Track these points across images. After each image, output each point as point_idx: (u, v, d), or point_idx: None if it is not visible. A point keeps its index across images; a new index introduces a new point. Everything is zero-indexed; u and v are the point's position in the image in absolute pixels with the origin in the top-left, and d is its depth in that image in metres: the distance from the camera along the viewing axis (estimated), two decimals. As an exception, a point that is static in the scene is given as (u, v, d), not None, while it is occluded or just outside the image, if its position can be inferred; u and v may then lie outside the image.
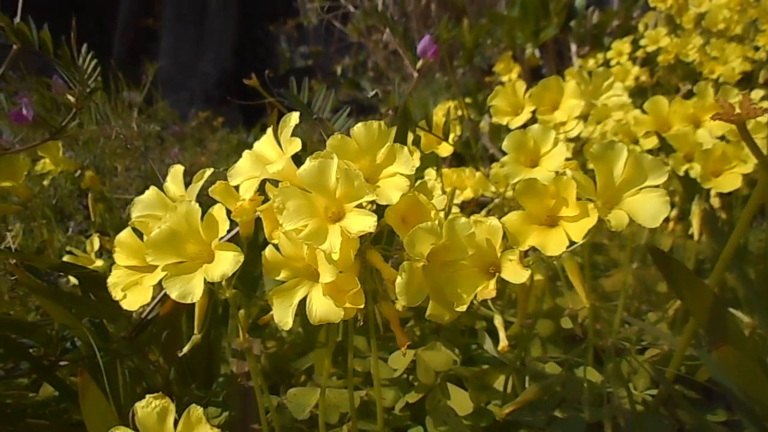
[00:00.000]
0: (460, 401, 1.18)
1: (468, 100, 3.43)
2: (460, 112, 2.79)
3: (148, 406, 0.69)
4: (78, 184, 2.88)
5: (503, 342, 1.06)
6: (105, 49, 7.16)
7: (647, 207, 0.80)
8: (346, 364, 1.08)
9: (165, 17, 7.38)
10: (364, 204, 0.76)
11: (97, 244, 1.54)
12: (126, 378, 1.19)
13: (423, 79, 4.92)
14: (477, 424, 1.18)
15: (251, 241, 0.93)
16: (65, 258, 1.60)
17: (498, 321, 1.10)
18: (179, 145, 4.45)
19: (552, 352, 1.38)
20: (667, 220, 1.85)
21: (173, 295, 0.75)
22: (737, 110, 0.73)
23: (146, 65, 4.83)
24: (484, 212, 1.63)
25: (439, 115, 2.19)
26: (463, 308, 0.76)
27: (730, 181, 1.24)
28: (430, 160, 1.76)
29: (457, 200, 1.81)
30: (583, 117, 1.33)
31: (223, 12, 7.36)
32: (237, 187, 0.88)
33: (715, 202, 1.54)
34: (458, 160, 2.84)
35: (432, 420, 1.17)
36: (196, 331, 0.94)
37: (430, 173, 1.79)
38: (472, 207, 1.95)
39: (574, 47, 3.42)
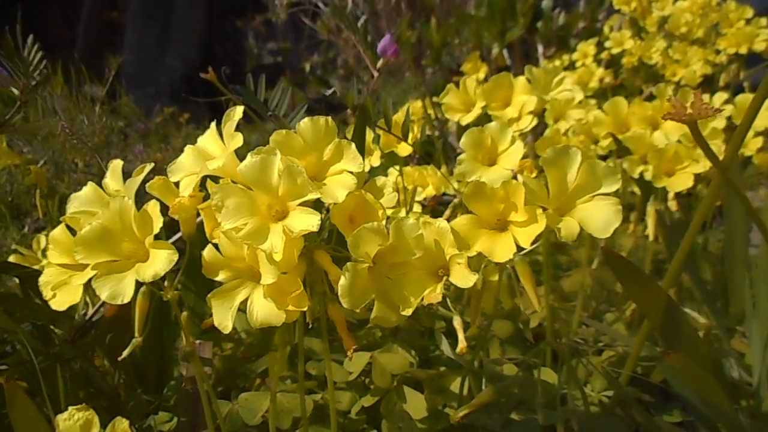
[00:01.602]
0: (416, 404, 1.15)
1: (436, 99, 3.42)
2: (428, 111, 2.77)
3: (70, 419, 0.65)
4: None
5: (462, 343, 1.04)
6: (69, 42, 6.96)
7: (599, 216, 0.78)
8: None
9: (130, 10, 7.21)
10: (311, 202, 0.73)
11: (43, 243, 1.48)
12: (67, 383, 1.14)
13: (392, 78, 4.91)
14: (433, 427, 1.16)
15: (204, 240, 0.89)
16: (12, 257, 1.53)
17: (457, 322, 1.08)
18: (143, 141, 4.36)
19: (511, 353, 1.37)
20: (627, 221, 1.87)
21: (103, 296, 0.71)
22: (689, 110, 0.72)
23: (110, 59, 4.71)
24: (448, 211, 1.61)
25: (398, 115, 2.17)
26: (409, 312, 0.73)
27: (683, 180, 1.24)
28: (394, 158, 1.75)
29: (419, 198, 1.79)
30: (538, 113, 1.32)
31: (189, 6, 7.21)
32: (178, 185, 0.84)
33: (673, 204, 1.55)
34: (426, 158, 2.82)
35: (387, 424, 1.15)
36: (136, 334, 0.90)
37: (393, 172, 1.77)
38: (433, 204, 1.93)
39: (540, 48, 3.43)
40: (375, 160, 1.61)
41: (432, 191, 1.86)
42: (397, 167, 1.80)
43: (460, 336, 1.04)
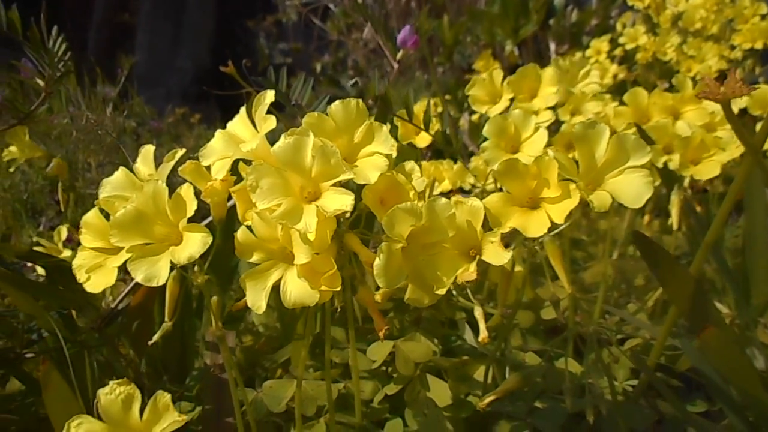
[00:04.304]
0: (440, 392, 1.15)
1: (448, 97, 3.42)
2: (440, 109, 2.77)
3: (111, 393, 0.66)
4: (50, 179, 2.80)
5: (483, 333, 1.04)
6: (81, 45, 7.02)
7: (630, 187, 0.78)
8: (324, 356, 1.06)
9: (141, 12, 7.27)
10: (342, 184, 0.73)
11: (64, 234, 1.49)
12: (94, 371, 1.14)
13: (403, 77, 4.91)
14: (457, 415, 1.16)
15: (227, 231, 0.90)
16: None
17: (478, 312, 1.08)
18: (155, 140, 4.38)
19: (532, 343, 1.37)
20: (643, 214, 1.86)
21: (138, 278, 0.72)
22: (722, 89, 0.71)
23: (122, 60, 4.73)
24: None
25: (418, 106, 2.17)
26: (442, 291, 0.73)
27: (709, 168, 1.24)
28: (410, 153, 1.75)
29: (436, 192, 1.80)
30: (558, 106, 1.32)
31: (200, 7, 7.27)
32: (209, 169, 0.85)
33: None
34: (438, 156, 2.83)
35: (411, 412, 1.15)
36: (167, 319, 0.90)
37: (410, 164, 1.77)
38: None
39: (553, 45, 3.43)
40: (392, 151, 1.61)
41: (448, 186, 1.87)
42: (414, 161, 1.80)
43: (482, 326, 1.04)
